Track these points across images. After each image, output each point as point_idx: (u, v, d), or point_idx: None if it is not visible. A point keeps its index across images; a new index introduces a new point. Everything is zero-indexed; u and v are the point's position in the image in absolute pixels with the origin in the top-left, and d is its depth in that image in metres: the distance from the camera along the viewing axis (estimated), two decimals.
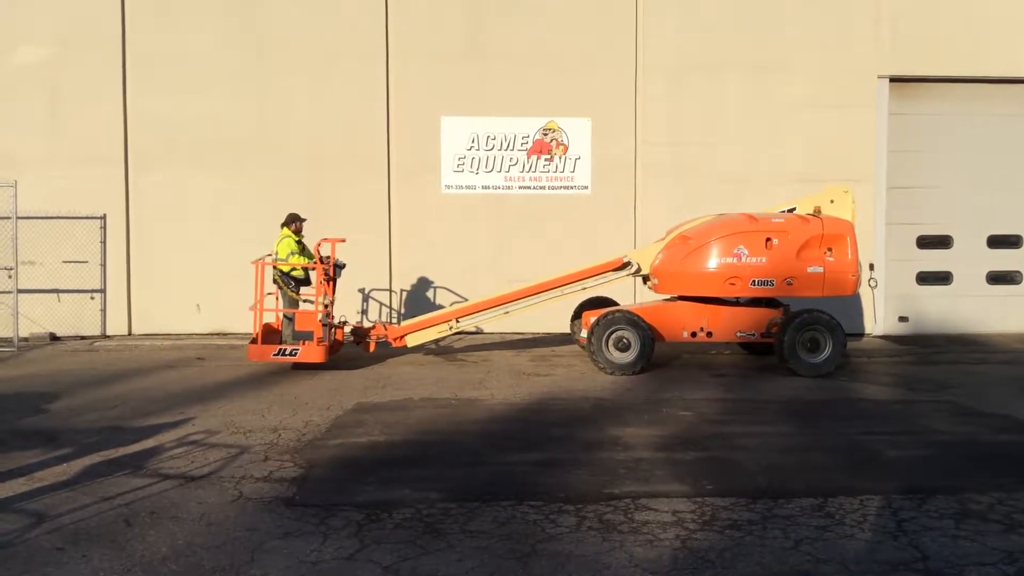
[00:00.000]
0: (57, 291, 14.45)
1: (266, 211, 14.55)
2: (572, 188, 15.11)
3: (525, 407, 9.72)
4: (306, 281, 12.14)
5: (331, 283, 12.04)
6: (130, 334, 14.77)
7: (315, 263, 11.95)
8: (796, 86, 15.01)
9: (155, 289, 14.64)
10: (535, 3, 14.91)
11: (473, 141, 15.01)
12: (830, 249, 11.61)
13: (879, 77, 15.12)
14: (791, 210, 12.36)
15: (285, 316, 12.13)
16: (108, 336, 14.64)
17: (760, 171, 14.95)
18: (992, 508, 6.30)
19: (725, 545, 5.60)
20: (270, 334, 12.12)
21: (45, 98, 14.49)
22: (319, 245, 12.12)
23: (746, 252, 11.53)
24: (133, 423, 8.79)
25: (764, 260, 11.51)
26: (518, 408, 9.66)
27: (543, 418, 9.22)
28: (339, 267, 12.28)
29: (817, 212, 12.06)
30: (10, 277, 13.57)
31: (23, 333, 14.01)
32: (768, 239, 11.56)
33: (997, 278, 15.71)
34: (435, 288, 14.93)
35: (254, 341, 11.72)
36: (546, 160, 15.09)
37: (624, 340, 11.68)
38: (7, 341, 13.72)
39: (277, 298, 12.20)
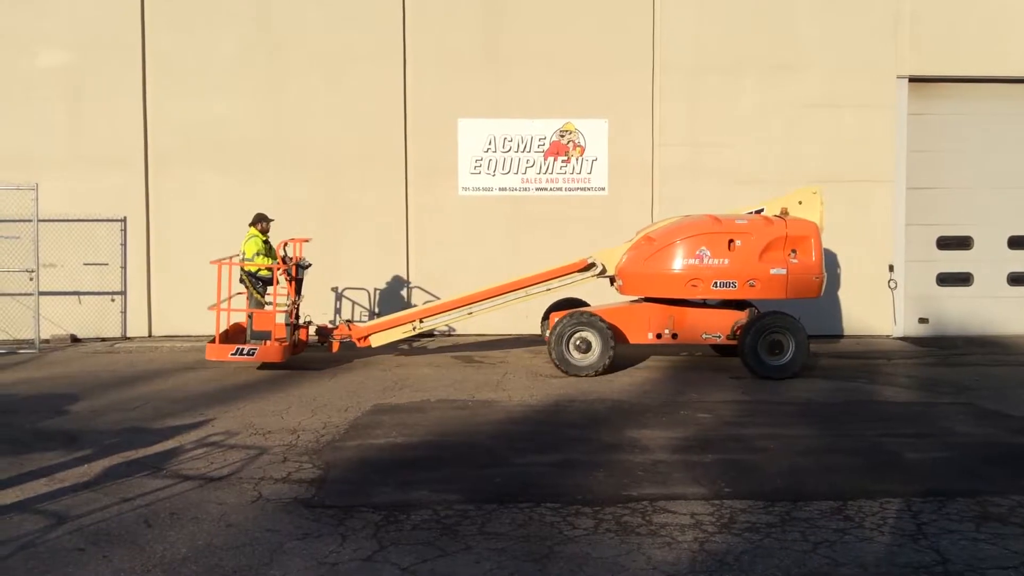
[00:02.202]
0: (78, 293, 14.56)
1: (284, 214, 14.57)
2: (589, 190, 15.10)
3: (542, 409, 9.72)
4: (272, 281, 12.21)
5: (294, 283, 12.11)
6: (150, 336, 14.87)
7: (277, 264, 12.02)
8: (814, 86, 14.93)
9: (175, 291, 14.73)
10: (552, 4, 14.91)
11: (490, 143, 15.02)
12: (794, 251, 11.51)
13: (898, 77, 15.02)
14: (759, 211, 12.28)
15: (248, 316, 12.26)
16: (129, 338, 14.75)
17: (778, 172, 14.87)
18: (1013, 511, 6.26)
19: (743, 548, 5.59)
20: (239, 333, 12.28)
21: (66, 101, 14.61)
22: (282, 245, 12.19)
23: (708, 254, 11.47)
24: (153, 424, 8.86)
25: (726, 262, 11.44)
26: (535, 410, 9.67)
27: (560, 420, 9.22)
28: (303, 267, 12.33)
29: (784, 213, 11.98)
30: (31, 279, 13.70)
31: (44, 335, 14.13)
32: (731, 240, 11.48)
33: (1018, 279, 15.57)
34: (453, 290, 14.91)
35: (213, 341, 11.80)
36: (563, 162, 15.09)
37: (585, 342, 11.66)
38: (29, 343, 13.85)
39: (248, 298, 12.34)
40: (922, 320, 15.34)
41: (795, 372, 11.38)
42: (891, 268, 15.09)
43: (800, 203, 12.20)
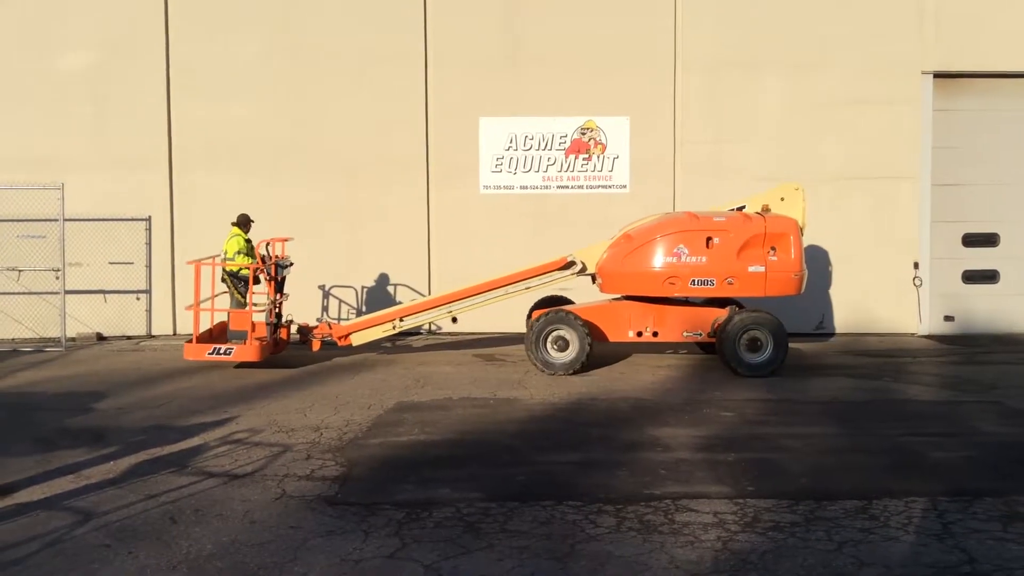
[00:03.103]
0: (103, 292, 14.69)
1: (306, 215, 14.73)
2: (610, 187, 15.06)
3: (564, 407, 9.72)
4: (255, 280, 12.26)
5: (273, 282, 12.17)
6: (175, 334, 14.97)
7: (257, 263, 12.08)
8: (837, 83, 14.80)
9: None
10: (573, 2, 14.88)
11: (511, 141, 15.01)
12: (773, 248, 11.43)
13: (923, 73, 14.86)
14: (741, 208, 12.20)
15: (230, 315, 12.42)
16: (153, 336, 14.87)
17: (801, 169, 14.74)
18: None
19: (767, 547, 5.57)
20: (224, 332, 12.38)
21: (91, 103, 14.73)
22: (262, 244, 12.28)
23: (686, 251, 11.42)
24: (178, 422, 8.93)
25: (704, 259, 11.40)
26: (557, 408, 9.67)
27: (582, 418, 9.21)
28: (282, 267, 12.37)
29: (765, 210, 11.89)
30: (58, 278, 13.84)
31: (70, 333, 14.27)
32: (709, 238, 11.44)
33: None
34: None
35: (193, 340, 11.90)
36: (584, 159, 15.06)
37: (562, 340, 11.64)
38: (55, 341, 13.99)
39: (230, 297, 12.48)
40: (948, 318, 15.18)
41: (774, 370, 11.33)
42: (916, 265, 14.95)
43: (782, 200, 12.12)
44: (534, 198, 15.01)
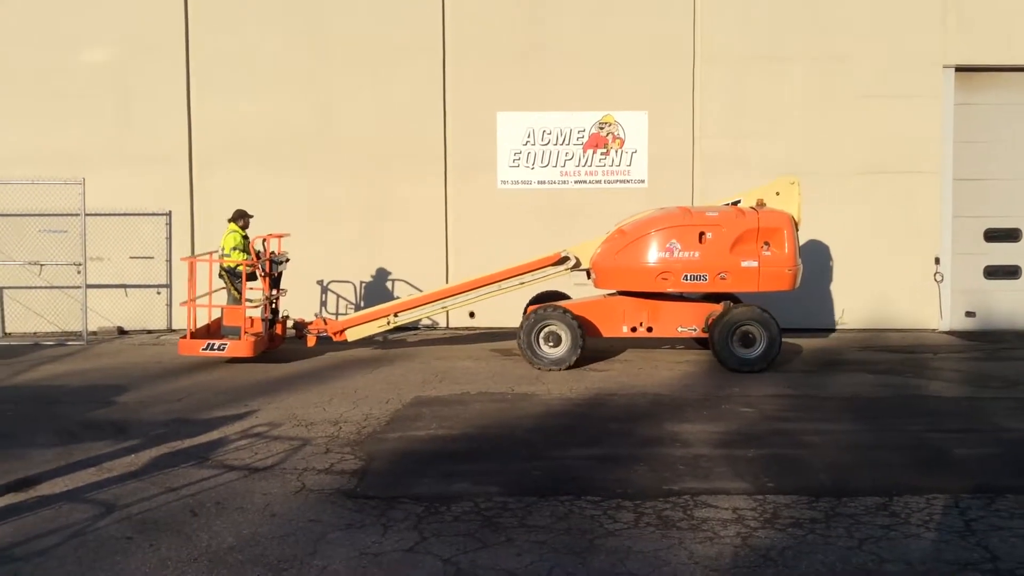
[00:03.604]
0: (124, 286, 14.79)
1: (324, 210, 14.79)
2: (629, 182, 15.02)
3: (582, 402, 9.71)
4: (252, 276, 12.35)
5: (268, 278, 12.25)
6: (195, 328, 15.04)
7: (251, 260, 12.17)
8: (858, 76, 14.69)
9: (218, 284, 14.90)
10: None
11: (529, 136, 15.00)
12: (767, 243, 11.37)
13: (944, 67, 14.73)
14: (736, 202, 12.13)
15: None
16: (174, 330, 14.95)
17: (822, 164, 14.68)
18: None
19: (787, 543, 5.54)
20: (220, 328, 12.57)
21: (112, 99, 14.82)
22: (258, 240, 12.36)
23: (678, 246, 11.39)
24: (199, 415, 8.99)
25: (697, 255, 11.37)
26: (575, 403, 9.66)
27: (600, 413, 9.20)
28: (276, 263, 12.43)
29: (760, 205, 11.82)
30: (79, 272, 13.96)
31: (92, 327, 14.39)
32: (701, 233, 11.40)
33: None
34: None
35: (188, 336, 11.99)
36: (602, 154, 15.02)
37: (554, 335, 11.64)
38: (77, 335, 14.12)
39: (227, 293, 12.61)
40: (969, 314, 15.06)
41: (767, 365, 11.28)
42: (937, 261, 14.84)
43: (778, 194, 12.06)
44: (552, 193, 14.99)
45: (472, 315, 14.68)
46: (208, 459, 7.43)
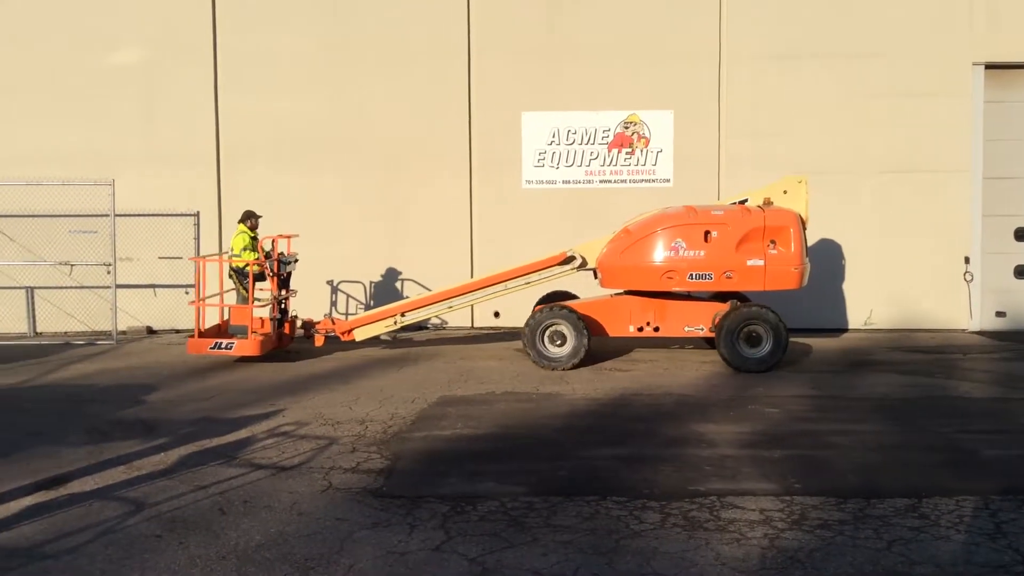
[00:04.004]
0: (153, 286, 14.93)
1: (350, 209, 14.87)
2: (654, 181, 14.98)
3: (607, 402, 9.69)
4: (261, 276, 12.46)
5: (276, 278, 12.36)
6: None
7: (258, 259, 12.29)
8: (885, 74, 14.56)
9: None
10: None
11: (554, 136, 14.99)
12: (773, 242, 11.32)
13: (974, 64, 14.56)
14: (743, 201, 12.07)
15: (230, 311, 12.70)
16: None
17: (848, 163, 14.57)
18: None
19: (815, 545, 5.51)
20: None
21: (140, 100, 14.97)
22: (269, 240, 12.49)
23: (684, 245, 11.36)
24: (226, 414, 9.06)
25: (702, 254, 11.34)
26: (600, 403, 9.65)
27: (625, 413, 9.18)
28: (284, 263, 12.53)
29: (767, 203, 11.74)
30: (109, 273, 14.11)
31: (121, 327, 14.54)
32: (707, 232, 11.36)
33: None
34: None
35: (196, 335, 12.10)
36: (627, 153, 14.99)
37: (559, 334, 11.63)
38: (107, 334, 14.27)
39: (237, 293, 12.78)
40: (999, 314, 14.88)
41: (773, 364, 11.23)
42: (967, 260, 14.67)
43: (785, 192, 12.00)
44: (576, 193, 14.98)
45: (497, 315, 14.69)
46: (236, 458, 7.49)
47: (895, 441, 8.02)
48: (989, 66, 14.62)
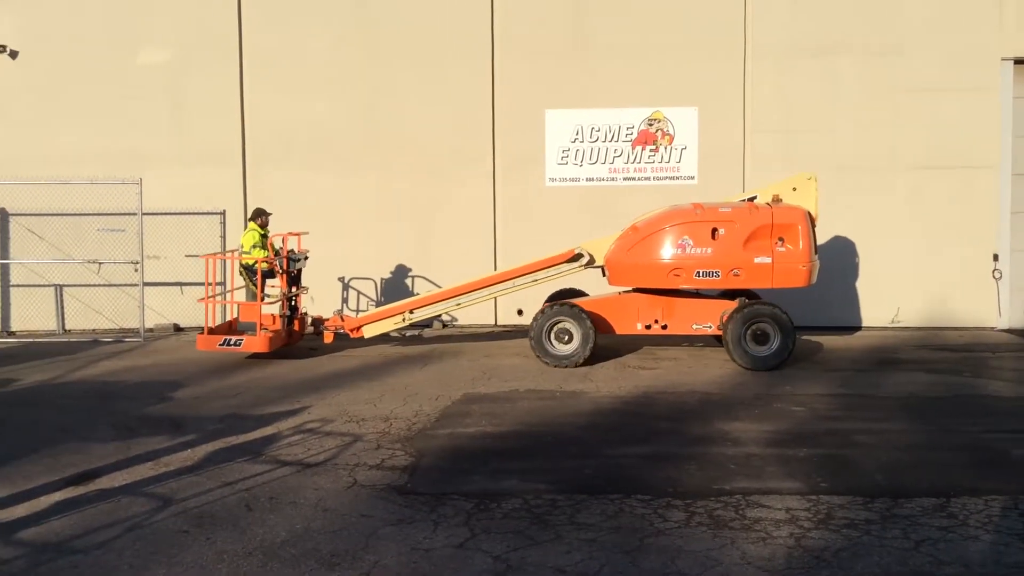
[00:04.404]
0: (180, 284, 15.05)
1: (374, 209, 14.93)
2: (678, 179, 14.91)
3: (631, 400, 9.67)
4: (271, 273, 12.58)
5: (285, 275, 12.46)
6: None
7: (268, 257, 12.39)
8: (914, 70, 14.40)
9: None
10: None
11: (577, 133, 14.96)
12: (781, 239, 11.24)
13: (1003, 59, 14.36)
14: (752, 198, 11.98)
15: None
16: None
17: (876, 159, 14.44)
18: None
19: (842, 544, 5.47)
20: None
21: (167, 99, 15.08)
22: (279, 238, 12.59)
23: (691, 242, 11.31)
24: (253, 411, 9.13)
25: (709, 251, 11.28)
26: (624, 401, 9.63)
27: (649, 411, 9.15)
28: (293, 260, 12.59)
29: (776, 200, 11.64)
30: (136, 270, 14.25)
31: (149, 324, 14.68)
32: (714, 229, 11.29)
33: None
34: None
35: (205, 332, 12.22)
36: (651, 151, 14.93)
37: (566, 332, 11.61)
38: (134, 332, 14.42)
39: (246, 290, 12.94)
40: None
41: (775, 366, 11.16)
42: (995, 257, 14.50)
43: (795, 189, 11.91)
44: (600, 190, 14.94)
45: (520, 312, 14.69)
46: (262, 454, 7.55)
47: (923, 440, 7.95)
48: (1019, 61, 14.42)
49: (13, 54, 15.02)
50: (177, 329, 15.03)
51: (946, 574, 5.06)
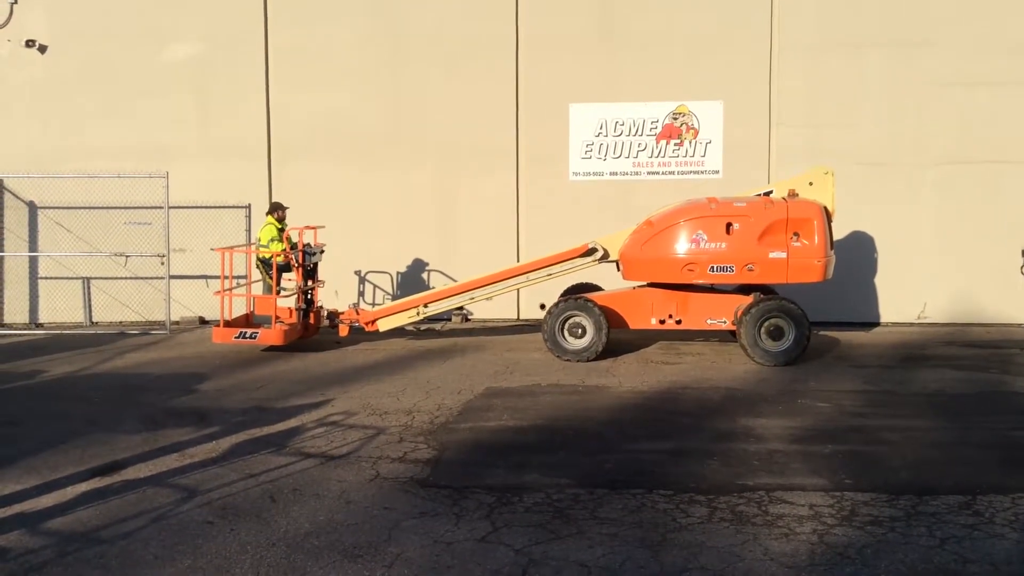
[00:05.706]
0: (206, 277, 15.15)
1: (398, 203, 14.96)
2: (702, 173, 14.83)
3: (653, 395, 9.64)
4: (287, 267, 12.67)
5: (301, 269, 12.53)
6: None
7: (284, 250, 12.48)
8: (943, 63, 14.22)
9: None
10: None
11: (601, 127, 14.91)
12: (796, 234, 11.14)
13: None
14: (768, 193, 11.88)
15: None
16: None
17: (904, 154, 14.29)
18: None
19: (866, 541, 5.43)
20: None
21: (194, 94, 15.19)
22: (296, 232, 12.66)
23: (705, 237, 11.25)
24: (276, 404, 9.19)
25: (723, 246, 11.21)
26: (646, 396, 9.60)
27: (672, 407, 9.12)
28: (309, 254, 12.65)
29: (792, 195, 11.53)
30: (163, 264, 14.37)
31: (175, 317, 14.81)
32: (729, 224, 11.23)
33: None
34: None
35: (221, 324, 12.31)
36: (675, 145, 14.86)
37: (579, 326, 11.60)
38: (160, 324, 14.55)
39: (263, 283, 13.04)
40: None
41: (789, 361, 11.08)
42: None
43: (811, 184, 11.81)
44: (624, 184, 14.89)
45: (543, 307, 14.62)
46: (286, 447, 7.60)
47: (948, 437, 7.87)
48: None
49: (42, 49, 15.18)
50: (203, 322, 15.14)
51: (971, 572, 5.01)
